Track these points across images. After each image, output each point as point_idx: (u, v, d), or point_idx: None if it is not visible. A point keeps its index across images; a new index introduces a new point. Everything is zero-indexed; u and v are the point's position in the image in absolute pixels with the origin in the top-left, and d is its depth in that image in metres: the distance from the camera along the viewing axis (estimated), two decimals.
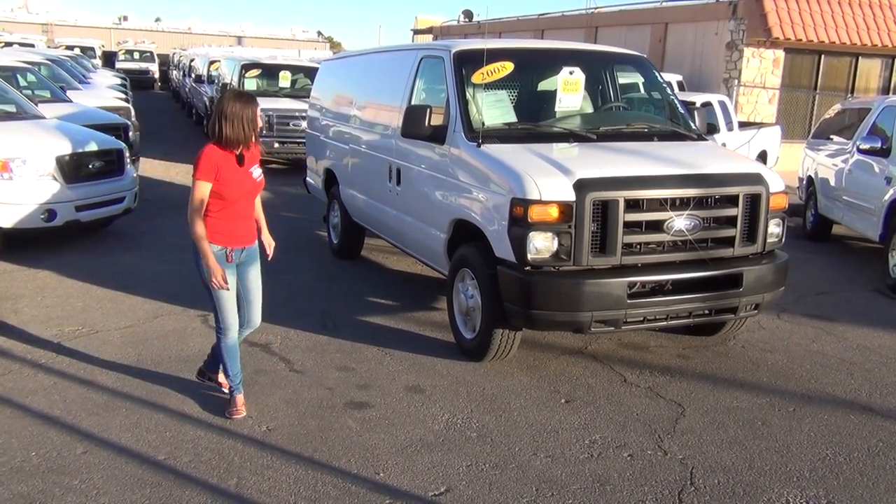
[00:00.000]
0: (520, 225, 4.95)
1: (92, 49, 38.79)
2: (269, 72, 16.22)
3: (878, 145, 8.79)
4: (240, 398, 4.66)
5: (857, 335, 6.53)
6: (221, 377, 4.87)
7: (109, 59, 41.92)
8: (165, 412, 4.65)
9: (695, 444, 4.48)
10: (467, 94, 5.92)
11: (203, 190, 4.28)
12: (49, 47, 31.89)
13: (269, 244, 4.87)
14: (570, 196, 4.90)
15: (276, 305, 6.70)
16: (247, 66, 15.97)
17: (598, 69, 6.82)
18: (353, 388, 5.10)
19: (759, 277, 5.36)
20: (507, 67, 5.82)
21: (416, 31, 37.32)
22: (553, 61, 6.42)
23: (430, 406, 4.87)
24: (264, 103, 14.28)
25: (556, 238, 4.92)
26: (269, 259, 4.91)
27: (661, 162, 5.42)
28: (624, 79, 7.09)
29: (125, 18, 69.96)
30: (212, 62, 21.05)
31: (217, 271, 4.33)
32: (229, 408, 4.63)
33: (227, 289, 4.44)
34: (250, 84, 15.72)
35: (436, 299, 7.00)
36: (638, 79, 7.01)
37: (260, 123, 4.40)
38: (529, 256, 4.93)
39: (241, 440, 4.35)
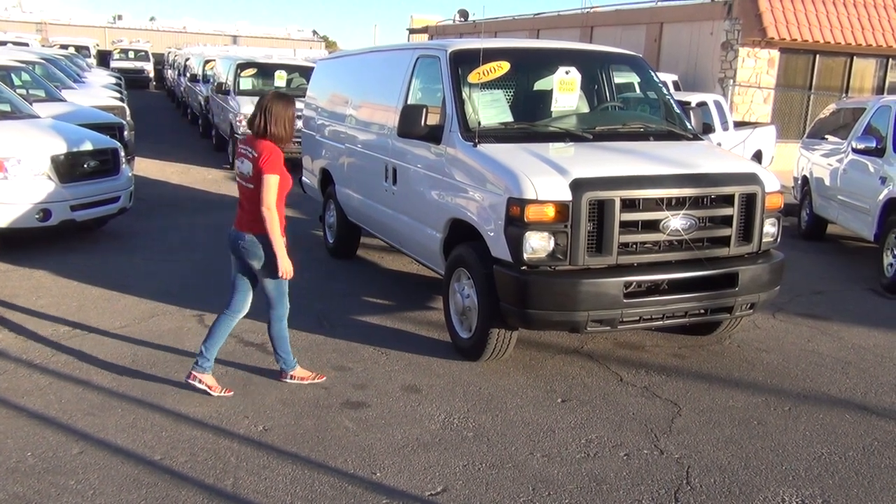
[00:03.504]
0: (516, 224, 4.95)
1: (86, 48, 38.71)
2: (265, 71, 16.17)
3: (873, 145, 8.81)
4: (300, 368, 5.15)
5: (853, 334, 6.55)
6: (210, 378, 4.99)
7: (104, 59, 41.81)
8: (161, 412, 4.64)
9: (691, 444, 4.49)
10: (463, 93, 5.92)
11: (276, 184, 4.66)
12: (43, 46, 31.76)
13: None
14: (567, 196, 4.90)
15: None
16: (242, 66, 15.92)
17: (593, 69, 6.83)
18: (349, 387, 5.10)
19: (754, 277, 5.38)
20: (503, 67, 5.82)
21: (412, 31, 37.26)
22: (549, 61, 6.42)
23: (426, 406, 4.87)
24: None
25: (553, 237, 4.92)
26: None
27: (657, 161, 5.43)
28: (620, 78, 7.11)
29: (120, 17, 69.82)
30: (207, 61, 21.00)
31: (287, 261, 4.72)
32: (293, 376, 5.08)
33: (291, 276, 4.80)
34: (245, 83, 15.67)
35: (432, 299, 7.00)
36: (634, 78, 7.02)
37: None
38: (526, 256, 4.93)
39: (237, 440, 4.34)
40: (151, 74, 40.76)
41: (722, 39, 17.13)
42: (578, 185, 4.92)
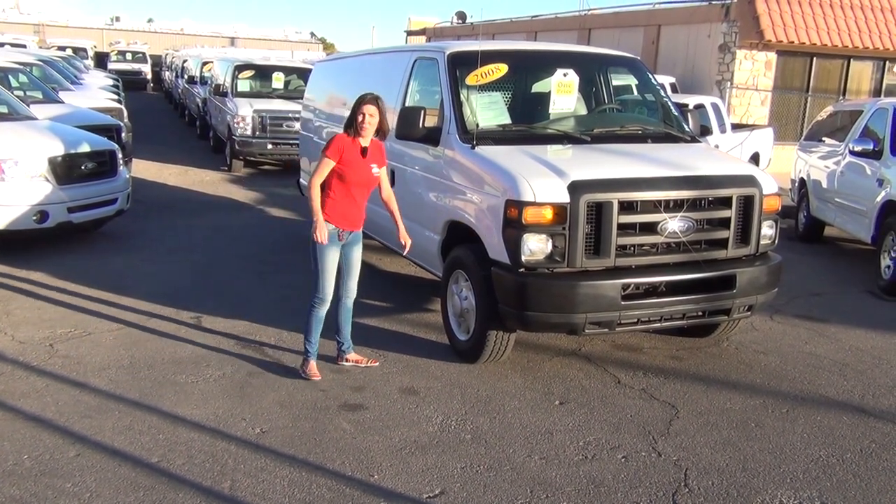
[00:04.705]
0: (514, 226, 4.95)
1: (84, 50, 38.70)
2: (262, 73, 16.20)
3: (870, 147, 8.82)
4: (313, 364, 5.23)
5: (850, 336, 6.55)
6: (354, 354, 5.49)
7: (102, 60, 41.81)
8: (159, 414, 4.63)
9: (689, 446, 4.49)
10: (461, 95, 5.92)
11: (326, 166, 5.00)
12: (41, 48, 31.74)
13: (407, 241, 5.48)
14: (565, 198, 4.90)
15: (270, 306, 6.70)
16: (240, 67, 15.93)
17: (591, 71, 6.83)
18: (346, 389, 5.09)
19: (752, 279, 5.38)
20: (501, 69, 5.82)
21: (410, 33, 37.26)
22: (547, 63, 6.42)
23: (424, 408, 4.87)
24: (257, 104, 14.32)
25: (551, 240, 4.92)
26: (406, 252, 5.74)
27: (654, 164, 5.43)
28: (617, 81, 7.11)
29: (117, 19, 69.76)
30: (204, 63, 20.99)
31: (322, 227, 4.98)
32: (304, 368, 5.21)
33: (326, 242, 5.02)
34: (243, 85, 15.68)
35: (429, 301, 7.00)
36: (631, 81, 7.03)
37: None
38: (524, 258, 4.93)
39: (234, 442, 4.33)
40: (149, 76, 40.72)
41: (719, 42, 17.17)
42: (576, 188, 4.92)
